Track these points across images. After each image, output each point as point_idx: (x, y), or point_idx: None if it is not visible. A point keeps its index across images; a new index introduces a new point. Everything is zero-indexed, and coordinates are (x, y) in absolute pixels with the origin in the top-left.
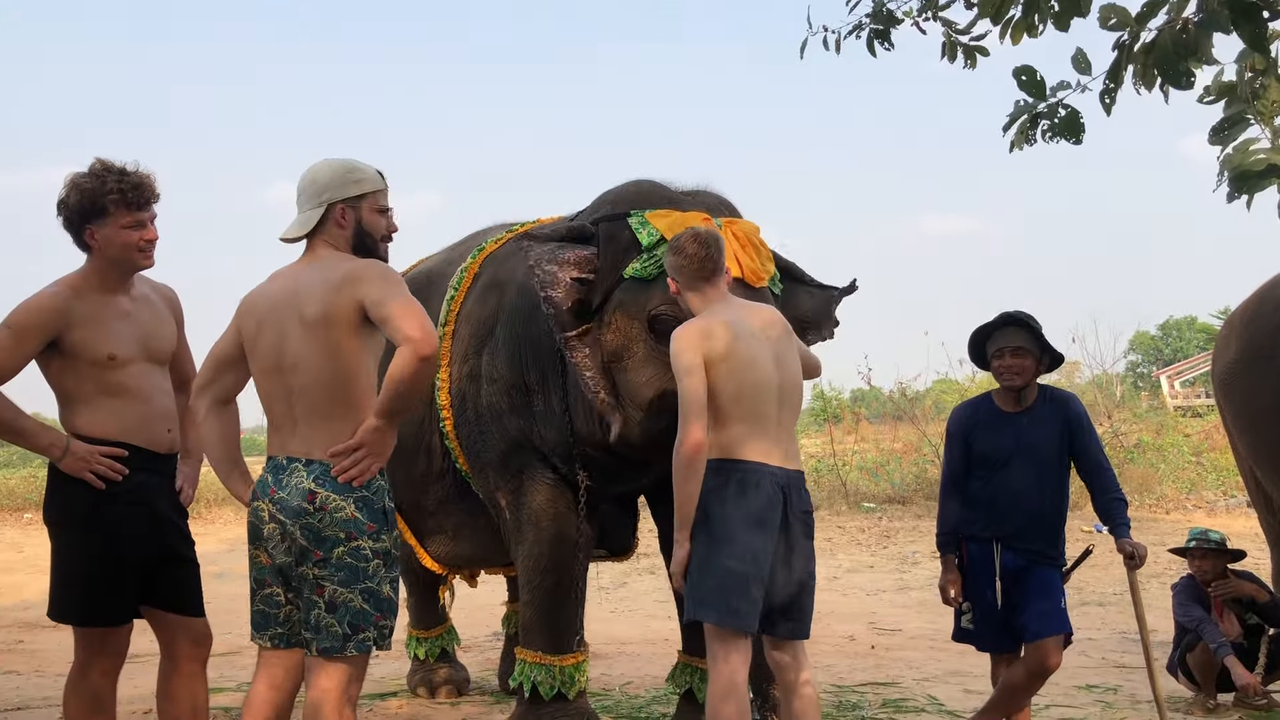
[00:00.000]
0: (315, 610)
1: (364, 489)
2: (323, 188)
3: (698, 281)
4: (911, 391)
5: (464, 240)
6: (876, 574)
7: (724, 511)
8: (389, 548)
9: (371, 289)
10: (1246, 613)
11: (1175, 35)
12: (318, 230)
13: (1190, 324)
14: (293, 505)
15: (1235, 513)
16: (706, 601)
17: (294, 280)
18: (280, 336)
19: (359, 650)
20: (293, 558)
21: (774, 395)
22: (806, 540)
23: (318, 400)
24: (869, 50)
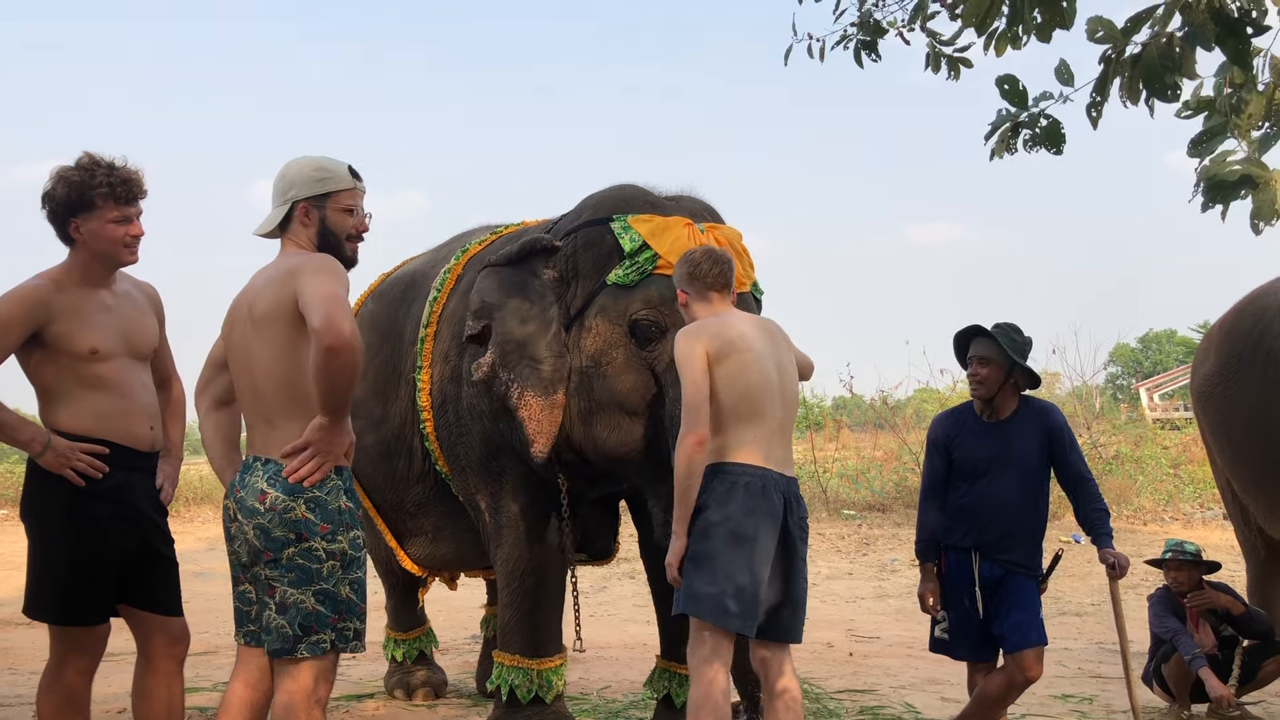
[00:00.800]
0: (267, 611)
1: (316, 489)
2: (289, 185)
3: (707, 290)
4: (893, 400)
5: (449, 241)
6: (855, 581)
7: (727, 514)
8: (346, 548)
9: (302, 280)
10: (1221, 624)
11: (1162, 49)
12: (284, 229)
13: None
14: (248, 505)
15: (1212, 525)
16: (702, 599)
17: (254, 280)
18: (242, 335)
19: (311, 653)
20: (250, 558)
21: (776, 399)
22: (803, 546)
23: (272, 399)
24: (856, 60)
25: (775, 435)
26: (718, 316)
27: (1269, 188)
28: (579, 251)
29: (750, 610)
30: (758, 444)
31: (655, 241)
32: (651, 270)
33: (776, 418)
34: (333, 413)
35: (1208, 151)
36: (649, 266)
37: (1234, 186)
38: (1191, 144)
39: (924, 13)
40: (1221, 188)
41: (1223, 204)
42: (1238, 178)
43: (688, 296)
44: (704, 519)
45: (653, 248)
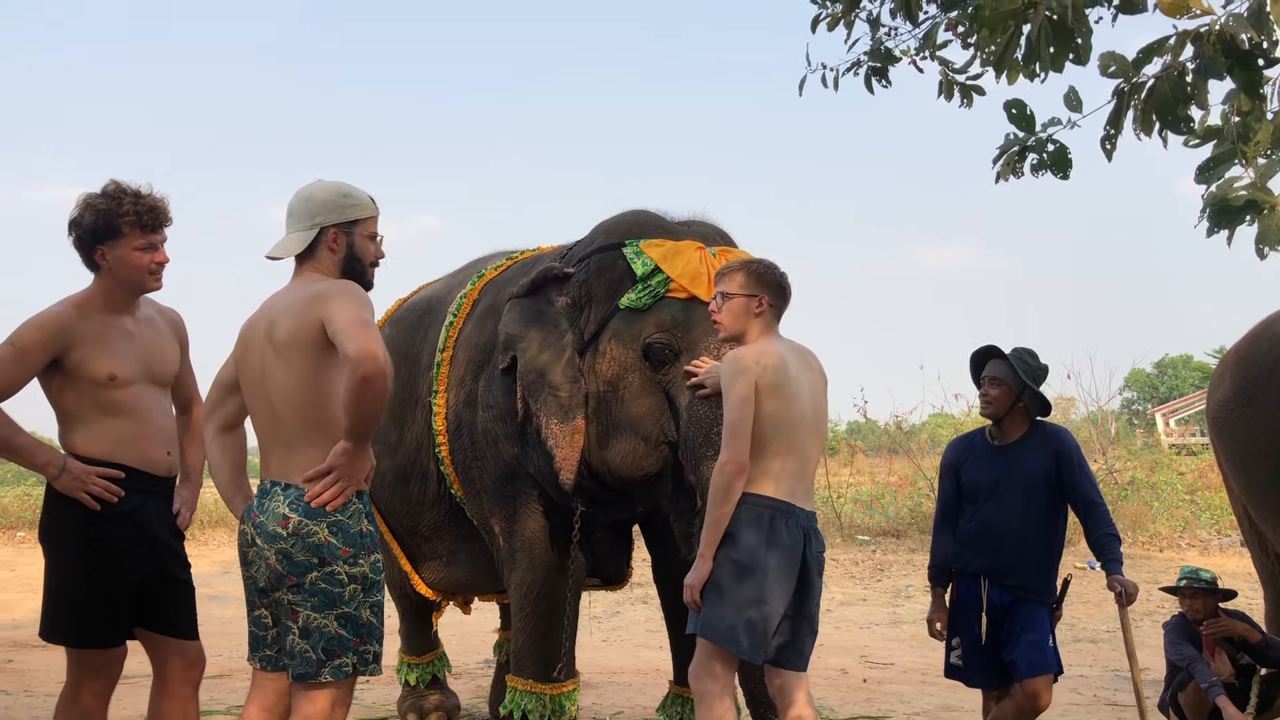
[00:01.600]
0: (290, 635)
1: (338, 513)
2: (316, 210)
3: (773, 311)
4: (907, 425)
5: (464, 267)
6: (869, 607)
7: (754, 545)
8: (367, 572)
9: (330, 307)
10: (1238, 652)
11: (1174, 81)
12: (308, 253)
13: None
14: (269, 530)
15: (1229, 552)
16: (718, 627)
17: (273, 303)
18: (260, 360)
19: (334, 676)
20: (270, 582)
21: (808, 435)
22: (819, 579)
23: (292, 423)
24: (867, 86)
25: (803, 471)
26: (770, 345)
27: (1274, 213)
28: (592, 277)
29: (761, 641)
30: (785, 478)
31: (667, 265)
32: (664, 293)
33: (807, 454)
34: (358, 438)
35: (1215, 178)
36: (661, 290)
37: (1239, 211)
38: (1199, 171)
39: (934, 41)
40: (1227, 213)
41: (1228, 229)
42: (1243, 203)
43: (769, 307)
44: (728, 547)
45: (665, 271)
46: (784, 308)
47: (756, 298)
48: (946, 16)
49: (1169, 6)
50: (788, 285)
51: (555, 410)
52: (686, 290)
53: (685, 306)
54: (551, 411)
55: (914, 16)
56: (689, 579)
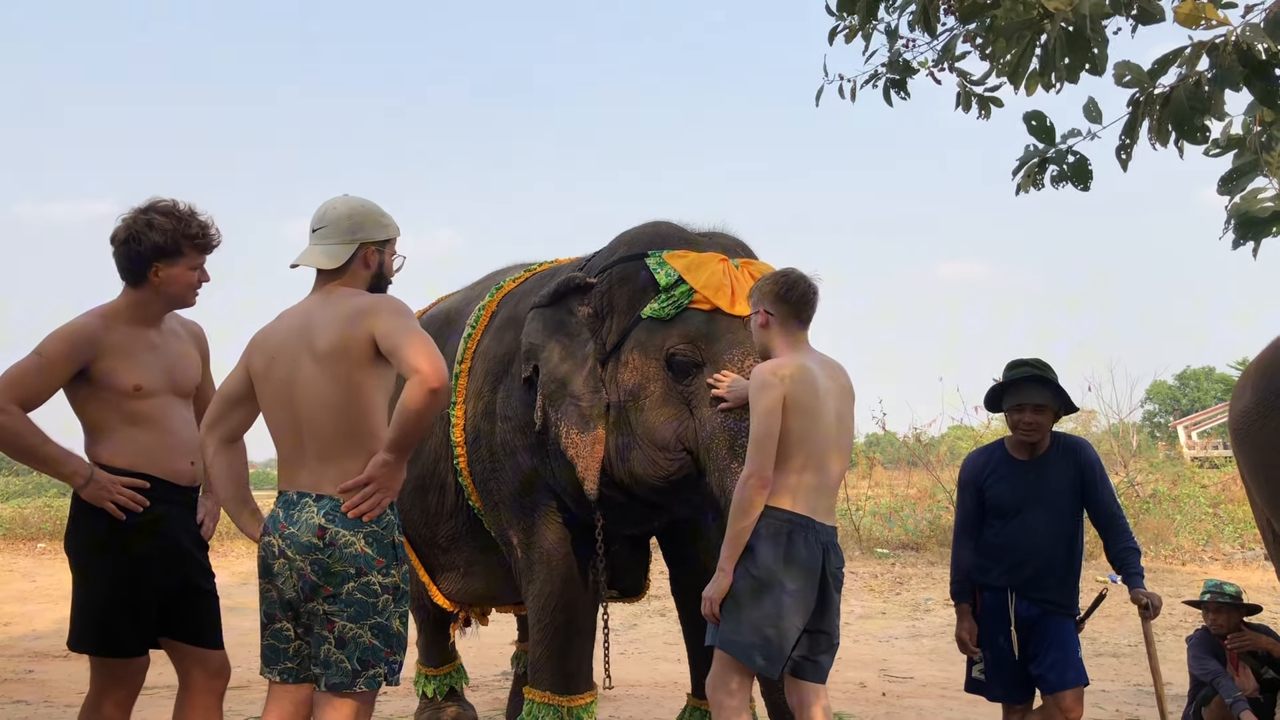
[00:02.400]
0: (325, 645)
1: (373, 524)
2: (356, 226)
3: (792, 321)
4: (926, 437)
5: (483, 279)
6: (889, 620)
7: (774, 560)
8: (398, 583)
9: (382, 321)
10: (1262, 667)
11: (1190, 91)
12: (342, 268)
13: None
14: (302, 540)
15: (1252, 565)
16: (736, 640)
17: (306, 315)
18: (292, 370)
19: (369, 686)
20: (302, 593)
21: (832, 450)
22: (837, 595)
23: (328, 435)
24: (885, 98)
25: (824, 485)
26: (799, 358)
27: None
28: (614, 287)
29: (777, 657)
30: (806, 492)
31: (691, 276)
32: (688, 304)
33: (828, 468)
34: (400, 450)
35: (1238, 189)
36: (685, 300)
37: (1265, 223)
38: (1221, 182)
39: (953, 54)
40: (1252, 224)
41: (1254, 240)
42: (1269, 214)
43: (771, 318)
44: (749, 561)
45: (688, 282)
46: (797, 316)
47: (758, 311)
48: (965, 28)
49: (1185, 17)
50: (795, 293)
51: (576, 420)
52: (710, 302)
53: (709, 318)
54: (573, 421)
55: (932, 28)
56: (708, 592)
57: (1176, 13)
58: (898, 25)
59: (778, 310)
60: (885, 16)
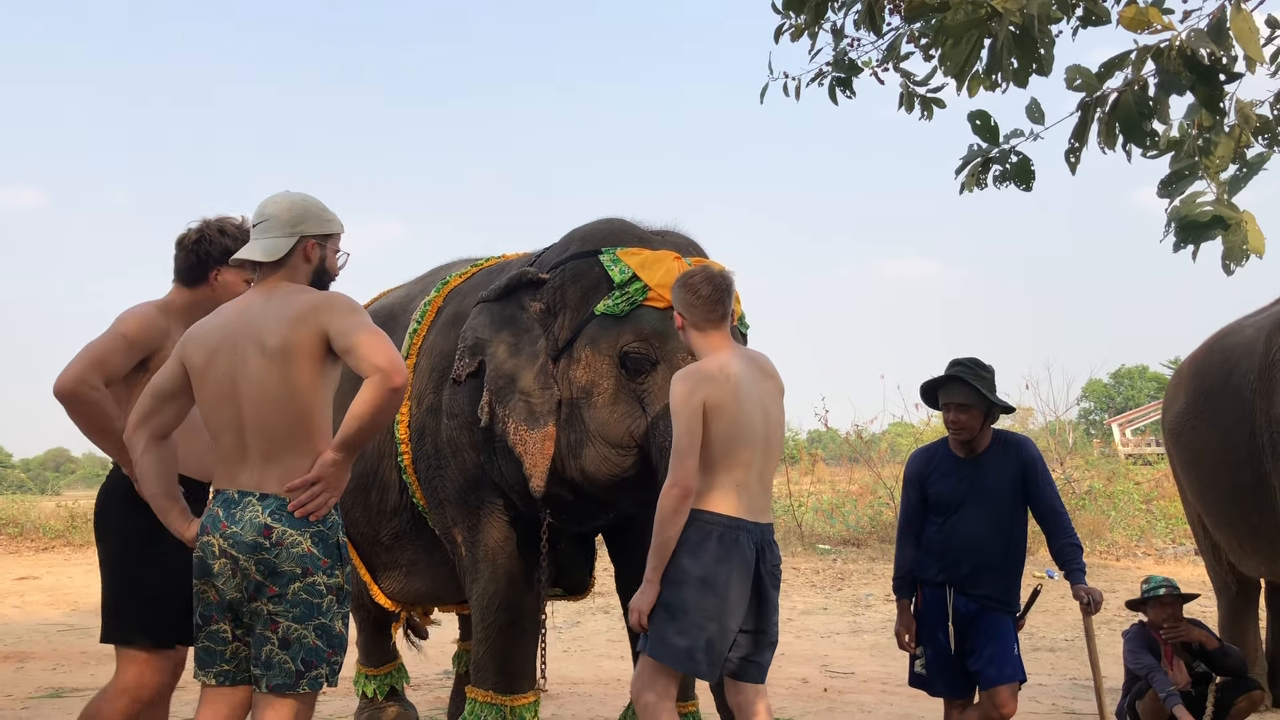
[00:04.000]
0: (267, 646)
1: (320, 524)
2: (297, 219)
3: (705, 322)
4: (867, 434)
5: (427, 274)
6: (830, 616)
7: (701, 564)
8: (342, 583)
9: (336, 319)
10: (1195, 661)
11: (1137, 95)
12: (281, 261)
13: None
14: (246, 540)
15: (1184, 560)
16: (669, 646)
17: (250, 311)
18: (235, 366)
19: (311, 687)
20: (244, 593)
21: (759, 448)
22: (774, 592)
23: (273, 433)
24: (830, 97)
25: (754, 483)
26: (717, 359)
27: (1239, 229)
28: (567, 283)
29: (715, 660)
30: (735, 492)
31: (645, 273)
32: (641, 301)
33: (757, 466)
34: (350, 449)
35: (1178, 192)
36: (639, 298)
37: (1205, 227)
38: (1161, 185)
39: (898, 53)
40: (1193, 229)
41: (1194, 244)
42: (1209, 219)
43: (686, 321)
44: (675, 567)
45: (643, 279)
46: (709, 315)
47: (674, 314)
48: (910, 28)
49: (1130, 21)
50: (701, 294)
51: (525, 416)
52: (664, 299)
53: (663, 316)
54: (521, 417)
55: (878, 28)
56: (635, 603)
57: (1121, 17)
58: (843, 24)
59: (689, 313)
60: (831, 15)
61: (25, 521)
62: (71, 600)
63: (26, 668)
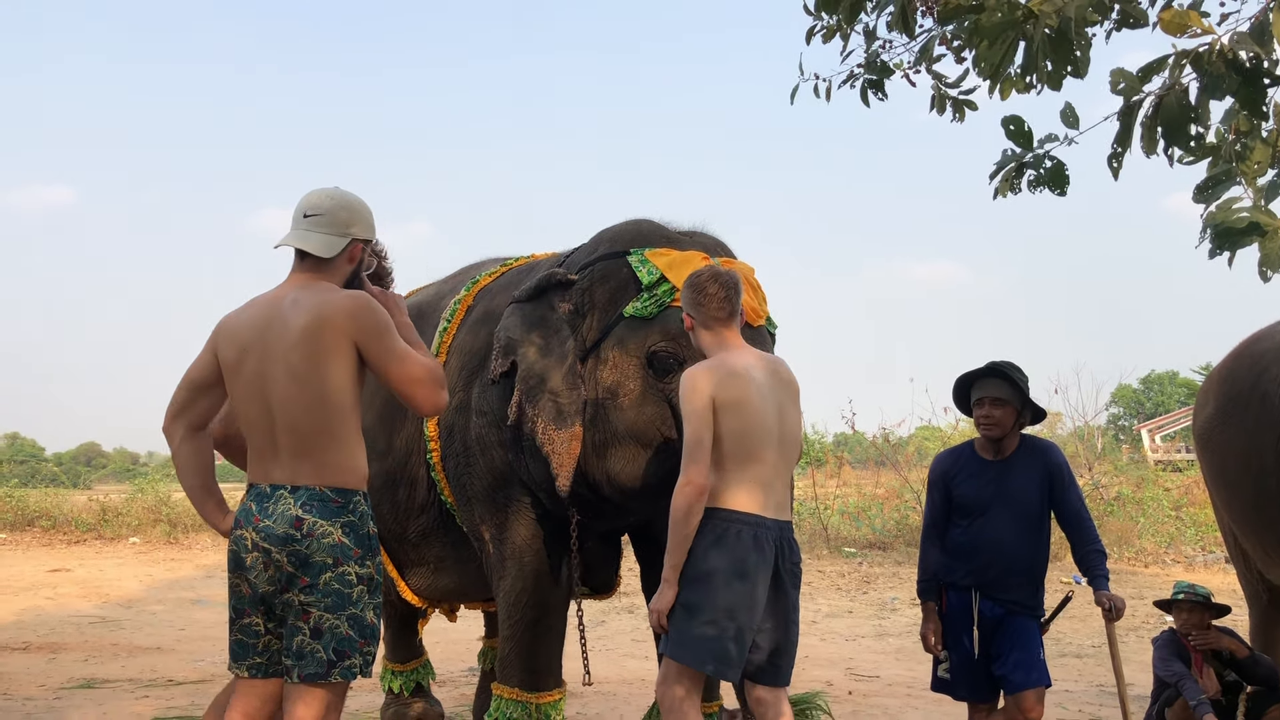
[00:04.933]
0: (299, 636)
1: (350, 514)
2: (351, 220)
3: (713, 321)
4: (894, 437)
5: (457, 273)
6: (855, 619)
7: (719, 562)
8: (373, 574)
9: (371, 343)
10: (1225, 669)
11: (1181, 98)
12: (328, 259)
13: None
14: (279, 532)
15: (1214, 568)
16: (689, 646)
17: (280, 307)
18: (265, 364)
19: (344, 676)
20: (277, 585)
21: (774, 445)
22: (794, 591)
23: (303, 430)
24: (862, 99)
25: (772, 480)
26: (727, 355)
27: (1277, 235)
28: (595, 284)
29: (736, 659)
30: (752, 489)
31: (673, 274)
32: (669, 303)
33: (772, 463)
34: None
35: (1213, 198)
36: (667, 299)
37: (1242, 234)
38: (1197, 190)
39: (930, 55)
40: (1229, 235)
41: (1230, 251)
42: (1245, 225)
43: (694, 321)
44: (693, 566)
45: (670, 281)
46: (718, 314)
47: (684, 315)
48: (943, 30)
49: (1169, 24)
50: (707, 293)
51: (553, 416)
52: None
53: None
54: (550, 417)
55: (911, 29)
56: (654, 604)
57: (1161, 20)
58: (875, 26)
59: (697, 313)
60: (864, 17)
61: (58, 515)
62: (103, 592)
63: (59, 659)
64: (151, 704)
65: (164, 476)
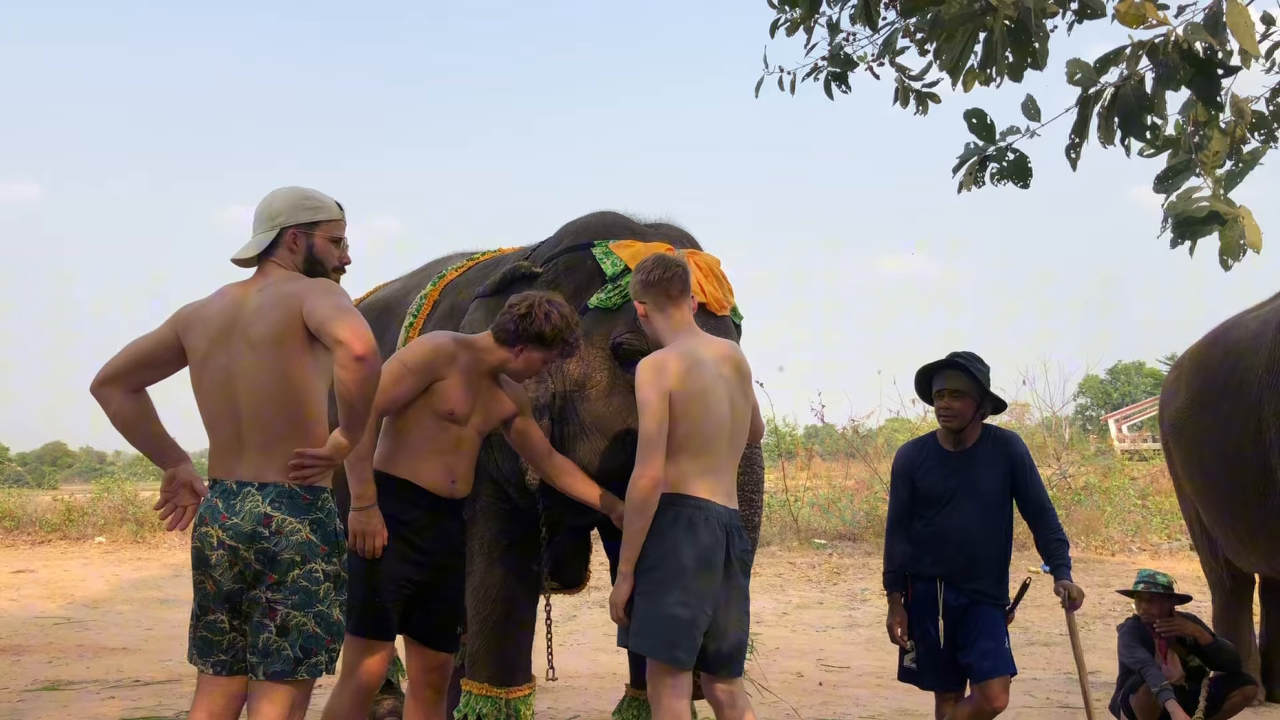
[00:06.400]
0: (265, 634)
1: (318, 511)
2: (277, 212)
3: (664, 302)
4: (864, 429)
5: (423, 268)
6: (826, 610)
7: (672, 548)
8: (340, 571)
9: (309, 300)
10: (1189, 655)
11: (1137, 89)
12: (269, 253)
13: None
14: (246, 530)
15: (1179, 555)
16: (647, 634)
17: (241, 301)
18: (229, 359)
19: (310, 674)
20: (243, 583)
21: (725, 433)
22: (744, 579)
23: (270, 423)
24: (826, 92)
25: (721, 469)
26: (682, 344)
27: (1236, 224)
28: (560, 277)
29: (690, 645)
30: (703, 477)
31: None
32: None
33: (723, 452)
34: (354, 429)
35: (1174, 188)
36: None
37: (1202, 223)
38: (1157, 180)
39: (893, 48)
40: (1190, 224)
41: (1191, 240)
42: (1205, 214)
43: (645, 307)
44: (646, 554)
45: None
46: (668, 297)
47: (636, 303)
48: (905, 23)
49: (1126, 16)
50: (654, 276)
51: None
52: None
53: None
54: None
55: (874, 22)
56: (612, 597)
57: (1117, 11)
58: (839, 19)
59: (648, 298)
60: (827, 10)
61: (22, 515)
62: (67, 593)
63: (22, 661)
64: (118, 705)
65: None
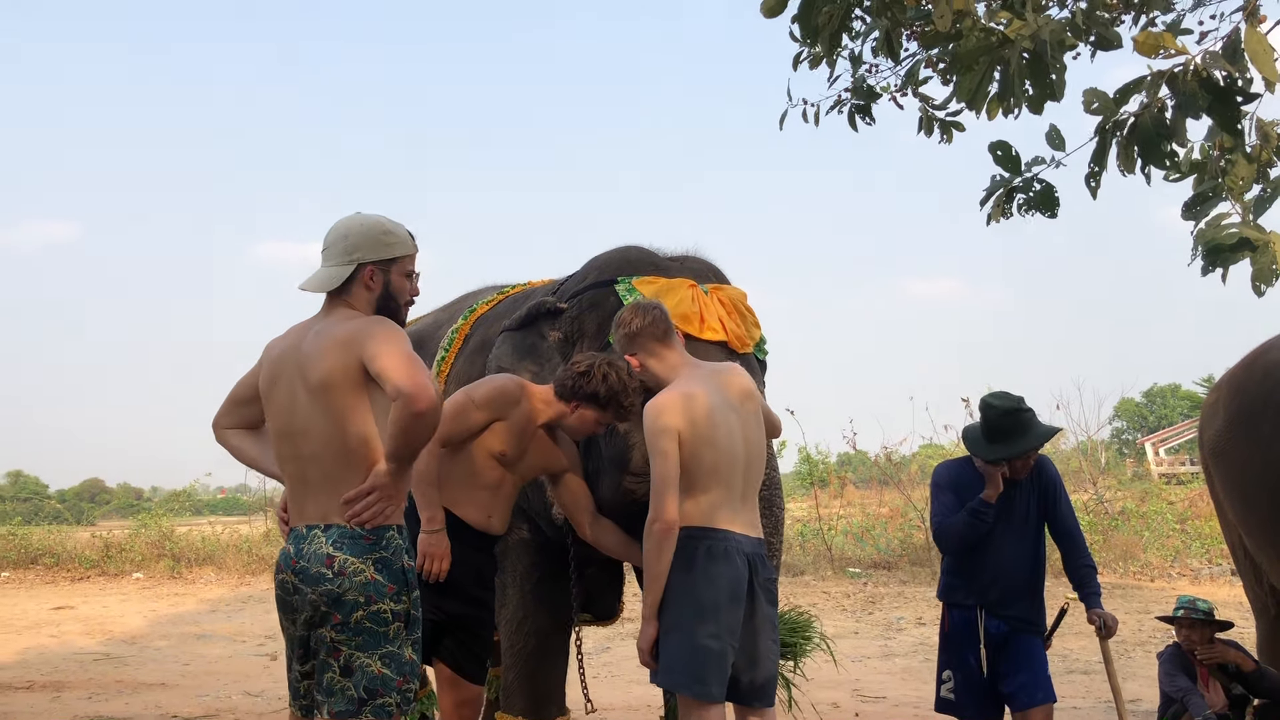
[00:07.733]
0: (329, 673)
1: (382, 549)
2: (354, 246)
3: (653, 347)
4: (897, 456)
5: (454, 302)
6: (861, 640)
7: (695, 581)
8: (410, 609)
9: (370, 345)
10: (1232, 683)
11: (1156, 118)
12: (343, 288)
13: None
14: (312, 573)
15: (1219, 581)
16: (676, 670)
17: (298, 342)
18: (289, 399)
19: (375, 715)
20: (312, 626)
21: (740, 465)
22: (771, 608)
23: (330, 466)
24: (850, 124)
25: (739, 499)
26: (683, 384)
27: (1268, 250)
28: (584, 313)
29: (720, 677)
30: (720, 508)
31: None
32: None
33: (738, 483)
34: (400, 459)
35: (1202, 215)
36: None
37: (1232, 250)
38: (1185, 207)
39: (916, 78)
40: (1220, 251)
41: (1223, 267)
42: (1235, 241)
43: (637, 358)
44: (669, 589)
45: None
46: (657, 340)
47: (626, 356)
48: (927, 54)
49: (1144, 46)
50: (635, 326)
51: None
52: (678, 328)
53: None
54: None
55: (895, 54)
56: (639, 643)
57: (1136, 42)
58: (861, 51)
59: (637, 348)
60: (849, 43)
61: (61, 552)
62: (107, 629)
63: (62, 697)
64: None
65: (167, 511)
